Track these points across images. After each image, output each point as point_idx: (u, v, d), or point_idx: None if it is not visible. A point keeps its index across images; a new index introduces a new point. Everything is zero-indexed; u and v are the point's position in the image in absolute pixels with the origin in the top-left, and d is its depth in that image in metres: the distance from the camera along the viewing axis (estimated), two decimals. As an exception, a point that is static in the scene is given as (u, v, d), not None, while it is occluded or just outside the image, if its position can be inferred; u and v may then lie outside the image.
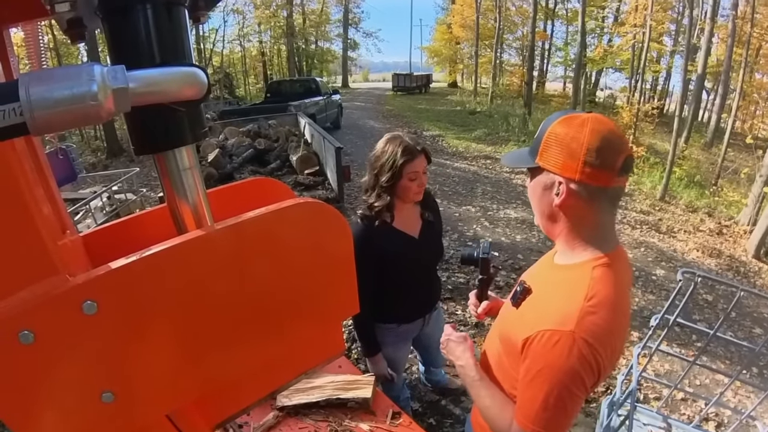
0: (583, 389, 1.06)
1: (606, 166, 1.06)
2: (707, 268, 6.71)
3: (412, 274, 2.28)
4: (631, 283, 1.28)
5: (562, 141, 1.09)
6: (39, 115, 0.45)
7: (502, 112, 21.26)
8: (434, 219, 2.34)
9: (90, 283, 0.57)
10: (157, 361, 0.65)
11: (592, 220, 1.14)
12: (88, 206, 4.78)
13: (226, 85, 29.26)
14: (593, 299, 1.06)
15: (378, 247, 2.10)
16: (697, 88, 15.68)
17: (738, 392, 3.80)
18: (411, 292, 2.33)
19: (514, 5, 32.60)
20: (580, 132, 1.07)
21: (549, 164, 1.12)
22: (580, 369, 1.02)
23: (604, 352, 1.03)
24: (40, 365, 0.55)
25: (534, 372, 1.08)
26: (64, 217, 0.82)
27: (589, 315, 1.04)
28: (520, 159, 1.24)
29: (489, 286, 1.73)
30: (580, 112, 1.14)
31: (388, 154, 2.05)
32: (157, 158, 0.69)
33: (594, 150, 1.05)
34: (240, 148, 8.05)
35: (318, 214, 0.75)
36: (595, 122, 1.09)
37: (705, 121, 23.11)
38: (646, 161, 12.58)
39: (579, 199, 1.10)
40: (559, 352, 1.03)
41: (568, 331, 1.03)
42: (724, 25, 18.41)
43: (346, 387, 1.93)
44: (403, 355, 2.57)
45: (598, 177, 1.07)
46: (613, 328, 1.06)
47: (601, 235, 1.16)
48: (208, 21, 3.45)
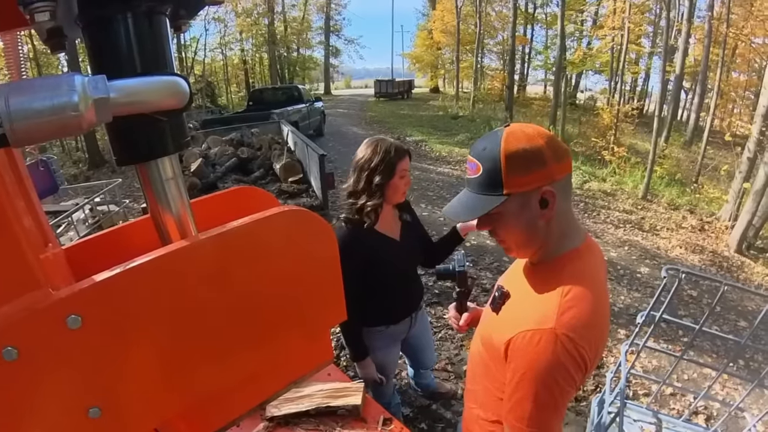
0: (572, 383, 1.06)
1: (562, 153, 1.11)
2: (691, 265, 6.81)
3: (397, 276, 2.31)
4: (606, 272, 1.28)
5: (523, 156, 1.07)
6: (19, 127, 0.45)
7: (484, 116, 21.43)
8: (412, 220, 2.39)
9: (74, 296, 0.55)
10: (143, 374, 0.64)
11: (568, 214, 1.17)
12: (70, 218, 4.72)
13: (208, 94, 29.16)
14: (569, 294, 1.06)
15: (363, 250, 2.13)
16: (676, 88, 15.94)
17: (726, 385, 3.86)
18: (397, 294, 2.37)
19: (494, 10, 32.87)
20: (531, 139, 1.08)
21: (522, 185, 1.09)
22: (566, 364, 1.02)
23: (587, 344, 1.04)
24: (24, 382, 0.54)
25: (520, 373, 1.08)
26: (45, 230, 0.81)
27: (568, 310, 1.04)
28: (481, 203, 1.13)
29: (468, 298, 1.73)
30: (498, 129, 1.14)
31: (381, 154, 2.08)
32: (139, 169, 0.68)
33: (550, 146, 1.09)
34: (223, 157, 8.01)
35: (303, 222, 0.75)
36: (526, 127, 1.12)
37: (684, 120, 23.51)
38: (627, 161, 12.73)
39: (559, 196, 1.11)
40: (542, 350, 1.03)
41: (549, 328, 1.03)
42: (700, 26, 18.78)
43: (335, 395, 1.92)
44: (393, 359, 2.58)
45: (565, 167, 1.12)
46: (593, 319, 1.06)
47: (571, 229, 1.18)
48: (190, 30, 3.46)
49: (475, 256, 6.15)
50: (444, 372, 3.74)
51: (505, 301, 1.25)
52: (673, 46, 15.51)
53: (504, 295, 1.26)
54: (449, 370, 3.76)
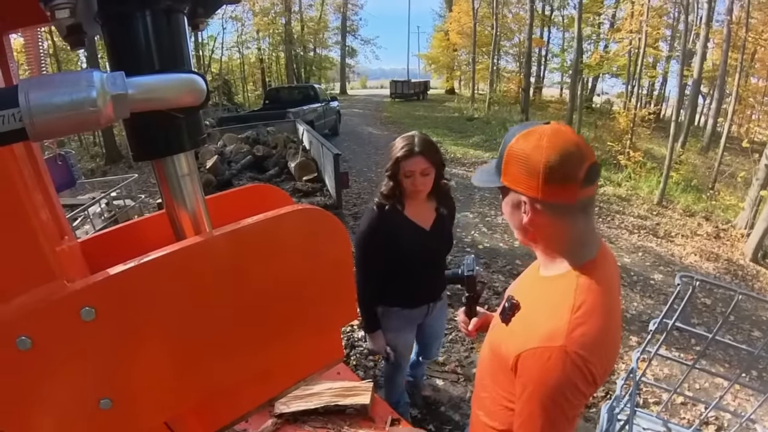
0: (582, 398, 1.05)
1: (568, 180, 1.03)
2: (705, 272, 6.72)
3: (418, 262, 2.38)
4: (619, 284, 1.26)
5: (519, 159, 1.06)
6: (38, 121, 0.45)
7: (499, 119, 21.35)
8: (448, 214, 2.47)
9: (88, 289, 0.56)
10: (155, 367, 0.64)
11: (565, 235, 1.12)
12: (86, 212, 4.76)
13: (225, 92, 29.32)
14: (580, 310, 1.04)
15: (386, 231, 2.27)
16: (693, 92, 15.73)
17: (738, 395, 3.80)
18: (416, 278, 2.43)
19: (510, 12, 32.76)
20: (537, 148, 1.04)
21: (512, 183, 1.10)
22: (576, 380, 1.01)
23: (597, 360, 1.03)
24: (37, 371, 0.55)
25: (530, 389, 1.07)
26: (62, 223, 0.82)
27: (578, 327, 1.02)
28: (489, 176, 1.21)
29: (477, 303, 1.71)
30: (538, 125, 1.10)
31: (394, 148, 2.24)
32: (155, 164, 0.69)
33: (553, 166, 1.02)
34: (238, 155, 8.05)
35: (316, 221, 0.75)
36: (552, 136, 1.05)
37: (701, 125, 23.23)
38: (643, 166, 12.62)
39: (545, 217, 1.08)
40: (552, 367, 1.02)
41: (559, 346, 1.02)
42: (719, 30, 18.53)
43: (344, 393, 1.93)
44: (406, 343, 2.65)
45: (561, 194, 1.04)
46: (604, 334, 1.05)
47: (579, 245, 1.14)
48: (207, 28, 3.46)
49: (488, 259, 6.12)
50: (453, 374, 3.72)
51: (515, 312, 1.23)
52: (691, 50, 15.31)
53: (514, 306, 1.24)
54: (459, 372, 3.74)
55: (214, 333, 0.68)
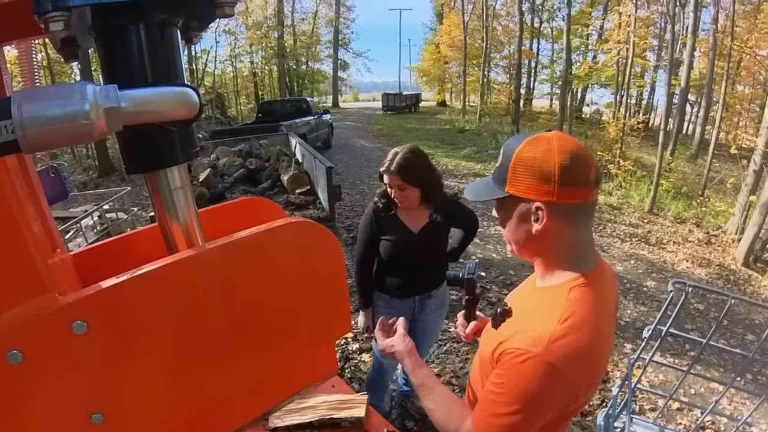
0: (551, 408, 1.05)
1: (581, 181, 1.06)
2: (698, 278, 6.76)
3: (406, 259, 2.59)
4: (616, 299, 1.26)
5: (532, 165, 1.07)
6: (31, 133, 0.45)
7: (490, 130, 21.45)
8: (443, 221, 2.60)
9: (80, 302, 0.56)
10: (147, 381, 0.64)
11: (572, 240, 1.13)
12: (78, 225, 4.74)
13: (218, 105, 29.33)
14: (567, 321, 1.04)
15: (378, 227, 2.55)
16: (681, 101, 15.96)
17: (733, 399, 3.80)
18: (404, 274, 2.64)
19: (500, 25, 33.08)
20: (548, 153, 1.05)
21: (522, 191, 1.09)
22: (545, 392, 1.01)
23: (577, 372, 1.02)
24: (28, 385, 0.55)
25: (500, 382, 1.07)
26: (54, 236, 0.82)
27: (561, 338, 1.01)
28: (487, 190, 1.19)
29: (476, 307, 1.71)
30: (540, 133, 1.12)
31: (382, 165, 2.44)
32: (148, 177, 0.69)
33: (567, 168, 1.04)
34: (231, 168, 8.05)
35: (309, 234, 0.75)
36: (561, 140, 1.07)
37: (690, 133, 23.49)
38: (633, 175, 12.71)
39: (559, 221, 1.08)
40: (525, 372, 1.02)
41: (536, 353, 1.01)
42: (705, 39, 18.78)
43: (339, 406, 1.91)
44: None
45: (576, 194, 1.06)
46: (587, 349, 1.03)
47: (580, 254, 1.15)
48: (200, 41, 3.46)
49: (482, 270, 6.13)
50: (448, 385, 3.71)
51: (505, 318, 1.23)
52: (678, 59, 15.49)
53: (505, 312, 1.24)
54: (454, 384, 3.73)
55: (207, 346, 0.67)
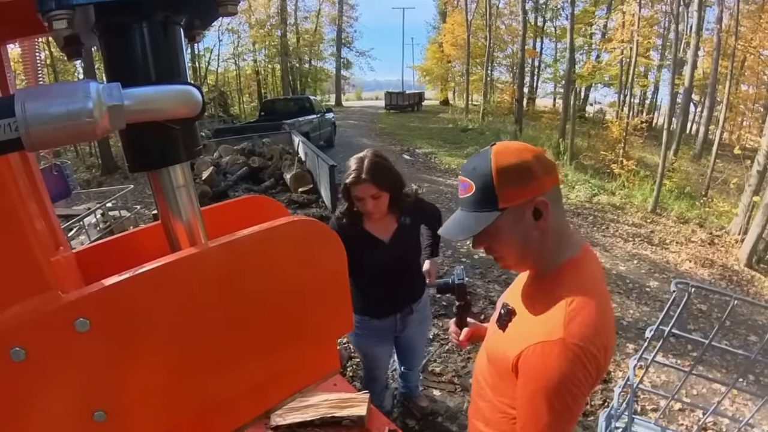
0: (585, 389, 1.07)
1: (549, 165, 1.16)
2: (700, 278, 6.74)
3: (380, 274, 2.37)
4: (603, 274, 1.29)
5: (514, 170, 1.11)
6: (34, 131, 0.45)
7: (493, 129, 21.45)
8: (411, 222, 2.44)
9: (83, 300, 0.56)
10: (150, 379, 0.64)
11: (560, 220, 1.19)
12: (81, 223, 4.75)
13: (221, 104, 29.31)
14: (573, 303, 1.08)
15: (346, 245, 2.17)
16: (685, 100, 15.86)
17: (735, 400, 3.80)
18: (380, 290, 2.43)
19: (503, 24, 33.03)
20: (519, 152, 1.13)
21: (516, 198, 1.11)
22: (577, 372, 1.03)
23: (597, 348, 1.05)
24: (30, 383, 0.55)
25: (533, 386, 1.08)
26: (57, 233, 0.82)
27: (574, 318, 1.05)
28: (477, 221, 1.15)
29: (468, 312, 1.72)
30: (488, 147, 1.18)
31: (345, 177, 2.20)
32: (151, 175, 0.69)
33: (538, 159, 1.13)
34: (234, 166, 8.07)
35: (312, 232, 0.75)
36: (514, 144, 1.17)
37: (693, 133, 23.37)
38: (636, 174, 12.67)
39: (552, 206, 1.13)
40: (554, 361, 1.04)
41: (558, 339, 1.04)
42: (709, 38, 18.74)
43: (340, 405, 1.91)
44: (380, 355, 2.69)
45: (554, 177, 1.16)
46: (599, 322, 1.07)
47: (566, 238, 1.21)
48: (203, 40, 3.49)
49: (483, 269, 6.12)
50: (450, 384, 3.71)
51: (511, 318, 1.26)
52: (682, 59, 15.46)
53: (510, 312, 1.27)
54: (456, 383, 3.72)
55: (209, 344, 0.67)
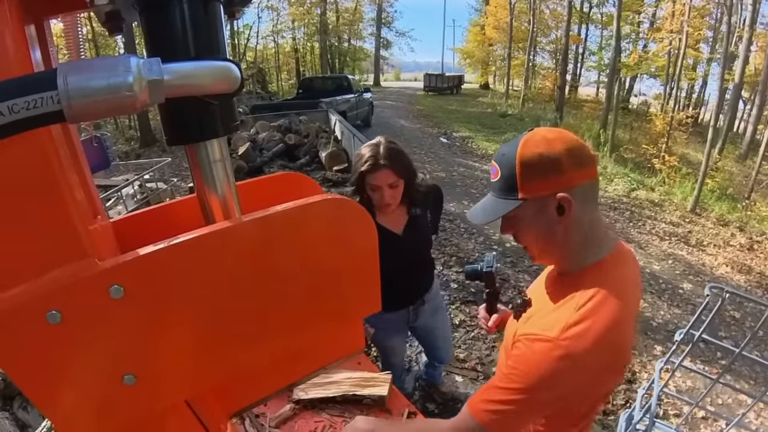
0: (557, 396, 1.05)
1: (586, 159, 1.08)
2: (736, 284, 6.53)
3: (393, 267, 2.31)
4: (638, 280, 1.22)
5: (539, 162, 1.06)
6: (75, 104, 0.46)
7: (533, 116, 21.07)
8: (422, 213, 2.36)
9: (118, 267, 0.58)
10: (179, 347, 0.66)
11: (589, 220, 1.12)
12: (119, 193, 4.87)
13: (259, 80, 29.57)
14: (584, 308, 1.03)
15: None
16: (734, 97, 15.25)
17: (761, 414, 3.68)
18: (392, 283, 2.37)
19: (548, 8, 32.14)
20: (549, 143, 1.06)
21: (537, 190, 1.08)
22: (552, 375, 1.01)
23: (591, 360, 1.01)
24: (65, 345, 0.57)
25: (511, 365, 1.08)
26: (96, 203, 0.84)
27: (577, 324, 1.01)
28: (497, 207, 1.15)
29: (497, 299, 1.71)
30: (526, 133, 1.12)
31: (358, 159, 2.10)
32: (188, 149, 0.70)
33: (571, 152, 1.06)
34: (270, 143, 8.15)
35: (344, 211, 0.76)
36: (551, 132, 1.10)
37: (740, 131, 22.45)
38: (677, 171, 12.30)
39: (578, 203, 1.07)
40: (534, 355, 1.03)
41: (549, 337, 1.02)
42: (763, 33, 17.93)
43: (362, 384, 1.94)
44: (395, 344, 2.67)
45: (585, 174, 1.08)
46: (605, 336, 1.01)
47: (597, 237, 1.14)
48: (243, 17, 3.47)
49: (514, 258, 6.06)
50: (473, 371, 3.71)
51: (525, 308, 1.25)
52: (733, 53, 14.82)
53: (526, 303, 1.27)
54: (479, 370, 3.72)
55: (238, 316, 0.69)
